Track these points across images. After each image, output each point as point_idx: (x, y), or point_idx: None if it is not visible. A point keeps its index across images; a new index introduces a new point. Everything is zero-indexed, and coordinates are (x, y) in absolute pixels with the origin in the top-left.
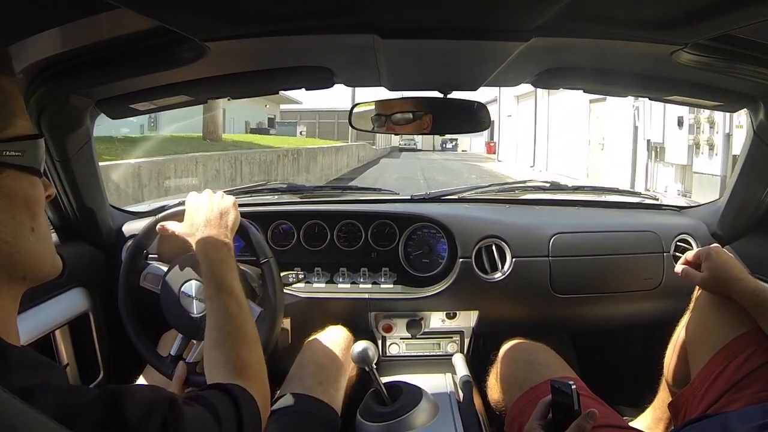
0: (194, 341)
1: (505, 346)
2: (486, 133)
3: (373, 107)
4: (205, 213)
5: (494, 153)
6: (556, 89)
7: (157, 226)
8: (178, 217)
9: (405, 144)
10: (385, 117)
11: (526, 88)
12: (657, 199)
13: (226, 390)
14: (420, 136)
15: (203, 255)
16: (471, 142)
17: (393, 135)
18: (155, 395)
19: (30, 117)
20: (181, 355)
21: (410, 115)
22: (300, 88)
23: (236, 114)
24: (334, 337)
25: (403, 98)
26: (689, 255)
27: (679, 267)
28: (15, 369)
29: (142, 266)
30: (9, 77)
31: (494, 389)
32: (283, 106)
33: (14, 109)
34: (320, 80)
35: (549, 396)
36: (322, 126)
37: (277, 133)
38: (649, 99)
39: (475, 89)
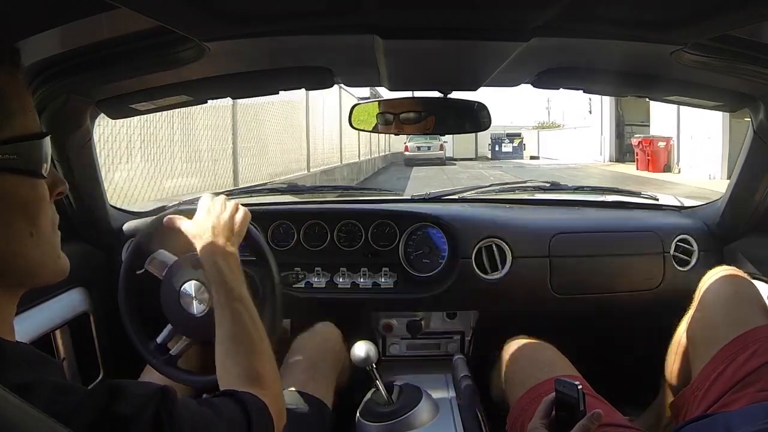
0: (185, 337)
1: (509, 344)
2: (606, 120)
3: (374, 107)
4: (215, 218)
5: (666, 169)
6: (556, 89)
7: (165, 219)
8: (187, 215)
9: (419, 149)
10: (386, 117)
11: None
12: (657, 199)
13: (235, 396)
14: (451, 136)
15: (210, 260)
16: (539, 140)
17: (395, 136)
18: (148, 389)
19: None
20: (166, 345)
21: (412, 115)
22: (300, 88)
23: None
24: (324, 334)
25: (404, 98)
26: None
27: None
28: (10, 365)
29: (146, 256)
30: (9, 74)
31: (497, 387)
32: None
33: (12, 109)
34: (320, 80)
35: (552, 394)
36: None
37: None
38: (649, 99)
39: (475, 89)
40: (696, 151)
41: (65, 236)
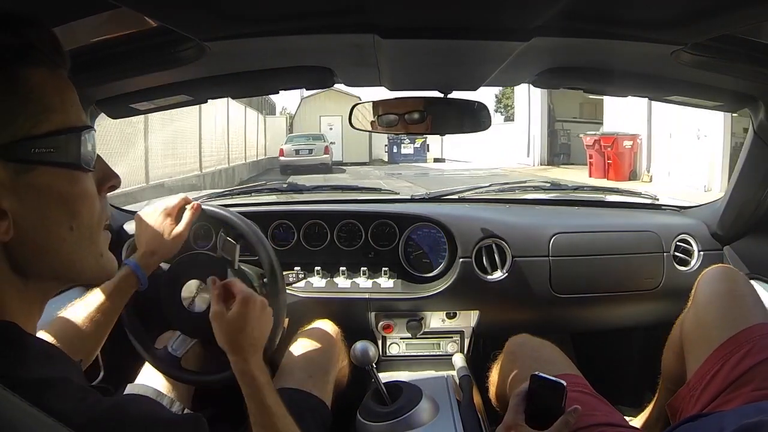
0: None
1: (510, 343)
2: (536, 115)
3: (372, 107)
4: (250, 334)
5: (632, 176)
6: (556, 89)
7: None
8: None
9: (297, 153)
10: (384, 117)
11: None
12: (657, 199)
13: None
14: (340, 136)
15: (245, 377)
16: (443, 140)
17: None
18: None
19: None
20: (176, 355)
21: (410, 115)
22: (300, 87)
23: None
24: (322, 331)
25: (403, 98)
26: None
27: None
28: (34, 357)
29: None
30: (50, 71)
31: (496, 385)
32: None
33: (51, 105)
34: (320, 80)
35: (524, 386)
36: None
37: None
38: (650, 99)
39: (475, 89)
40: (679, 153)
41: None
